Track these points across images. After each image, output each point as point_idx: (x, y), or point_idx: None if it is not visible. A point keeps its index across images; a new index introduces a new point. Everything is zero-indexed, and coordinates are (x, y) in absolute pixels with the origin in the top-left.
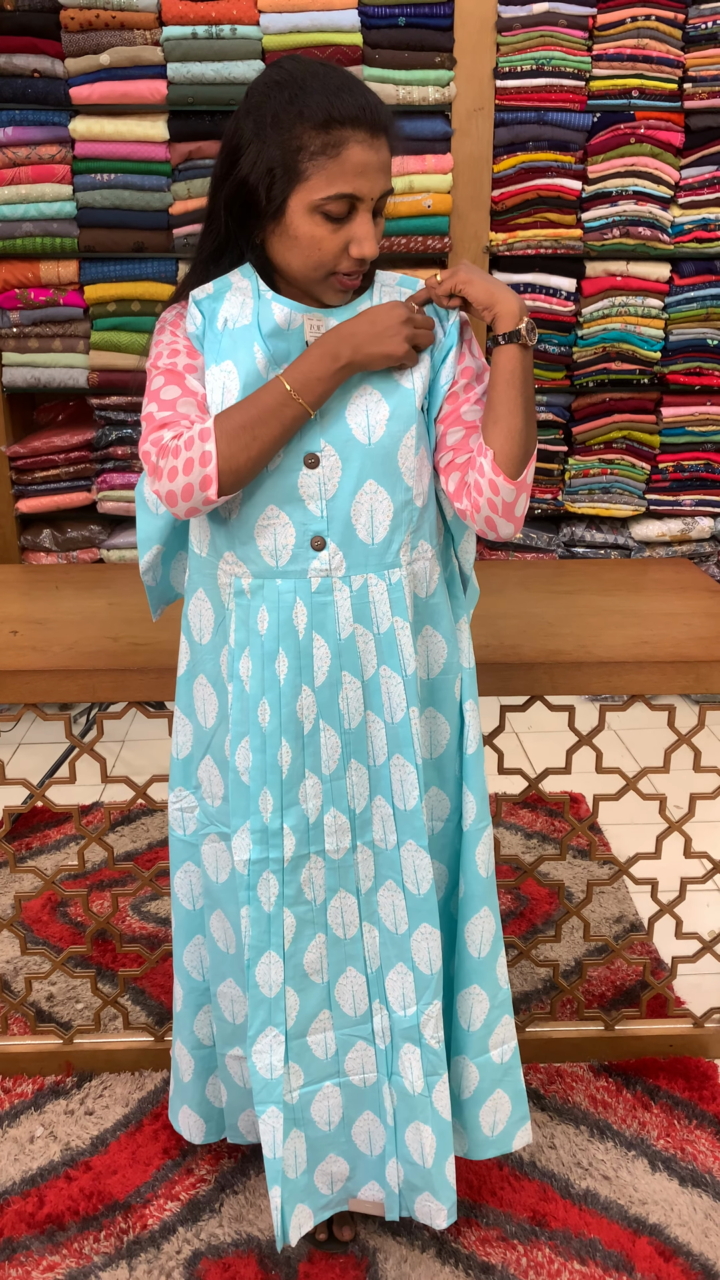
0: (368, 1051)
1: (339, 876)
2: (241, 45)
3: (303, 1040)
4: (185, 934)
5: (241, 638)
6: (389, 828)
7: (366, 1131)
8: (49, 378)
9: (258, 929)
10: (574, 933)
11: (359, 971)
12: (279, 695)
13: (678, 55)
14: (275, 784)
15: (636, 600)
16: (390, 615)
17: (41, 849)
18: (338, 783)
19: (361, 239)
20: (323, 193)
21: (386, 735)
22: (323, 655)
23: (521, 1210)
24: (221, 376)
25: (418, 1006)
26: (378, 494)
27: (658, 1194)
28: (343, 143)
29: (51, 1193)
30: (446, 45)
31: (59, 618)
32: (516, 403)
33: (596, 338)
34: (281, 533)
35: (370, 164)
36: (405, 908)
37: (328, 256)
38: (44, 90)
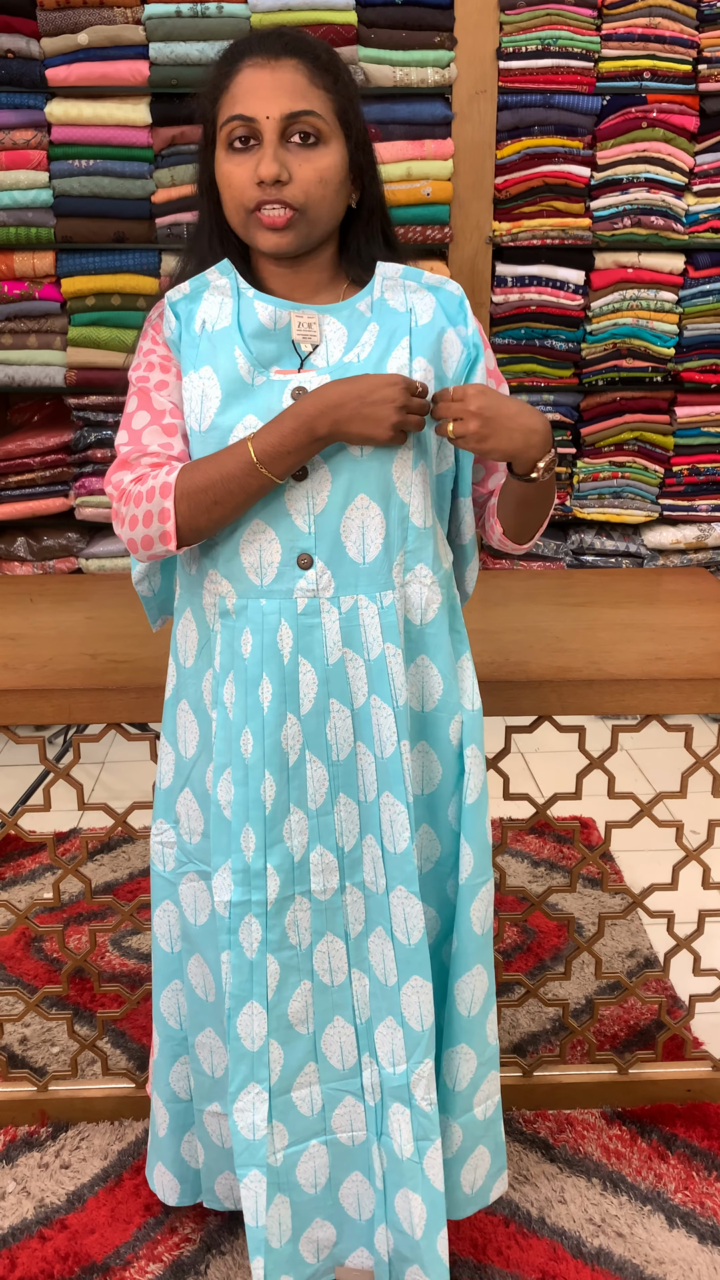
0: (356, 1108)
1: (326, 919)
2: (228, 24)
3: (287, 1097)
4: (163, 978)
5: (226, 661)
6: (379, 870)
7: (355, 1194)
8: (24, 376)
9: (239, 976)
10: (585, 969)
11: (347, 1021)
12: (262, 724)
13: (692, 35)
14: (258, 820)
15: (650, 613)
16: (381, 641)
17: (15, 880)
18: (325, 818)
19: (259, 161)
20: (222, 120)
21: (376, 770)
22: (309, 681)
23: (530, 1271)
24: (200, 383)
25: (408, 1065)
26: (370, 509)
27: (675, 1253)
28: (236, 70)
29: (24, 1254)
30: (447, 24)
31: (33, 633)
32: (525, 511)
33: (606, 333)
34: (267, 549)
35: (262, 83)
36: (395, 958)
37: (239, 190)
38: (18, 71)
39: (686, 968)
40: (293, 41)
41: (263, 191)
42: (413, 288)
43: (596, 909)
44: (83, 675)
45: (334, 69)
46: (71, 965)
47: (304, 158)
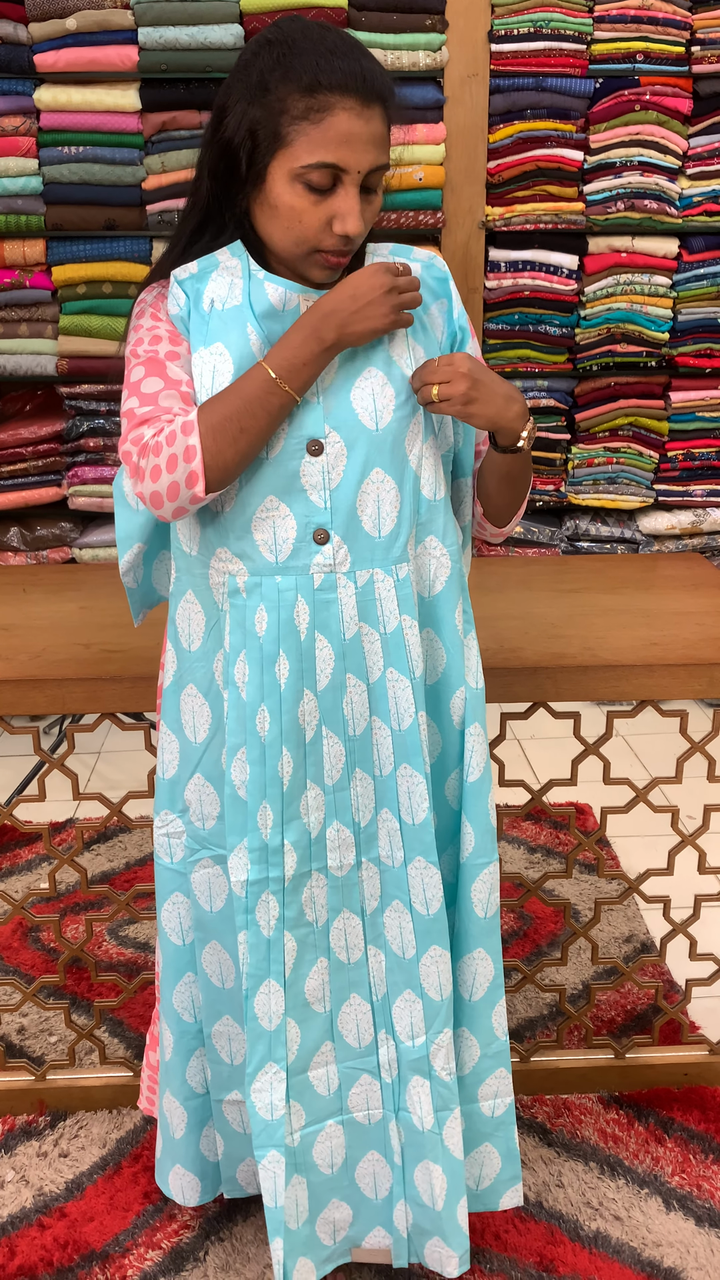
0: (373, 1086)
1: (342, 896)
2: (218, 8)
3: (304, 1076)
4: (174, 972)
5: (237, 641)
6: (396, 843)
7: (371, 1173)
8: (15, 365)
9: (256, 955)
10: (581, 954)
11: (363, 999)
12: (279, 701)
13: (685, 16)
14: (275, 797)
15: (645, 599)
16: (398, 614)
17: (10, 870)
18: (341, 794)
19: (345, 214)
20: (304, 160)
21: (393, 743)
22: (326, 657)
23: (528, 1255)
24: (211, 359)
25: (427, 1036)
26: (385, 483)
27: (673, 1235)
28: (328, 108)
29: (23, 1242)
30: (438, 7)
31: (26, 623)
32: (508, 490)
33: (600, 318)
34: (281, 526)
35: (357, 134)
36: (413, 930)
37: (309, 231)
38: (6, 57)
39: (683, 952)
40: (379, 83)
41: (339, 241)
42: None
43: (593, 894)
44: (76, 665)
45: (395, 103)
46: (68, 955)
47: (368, 204)
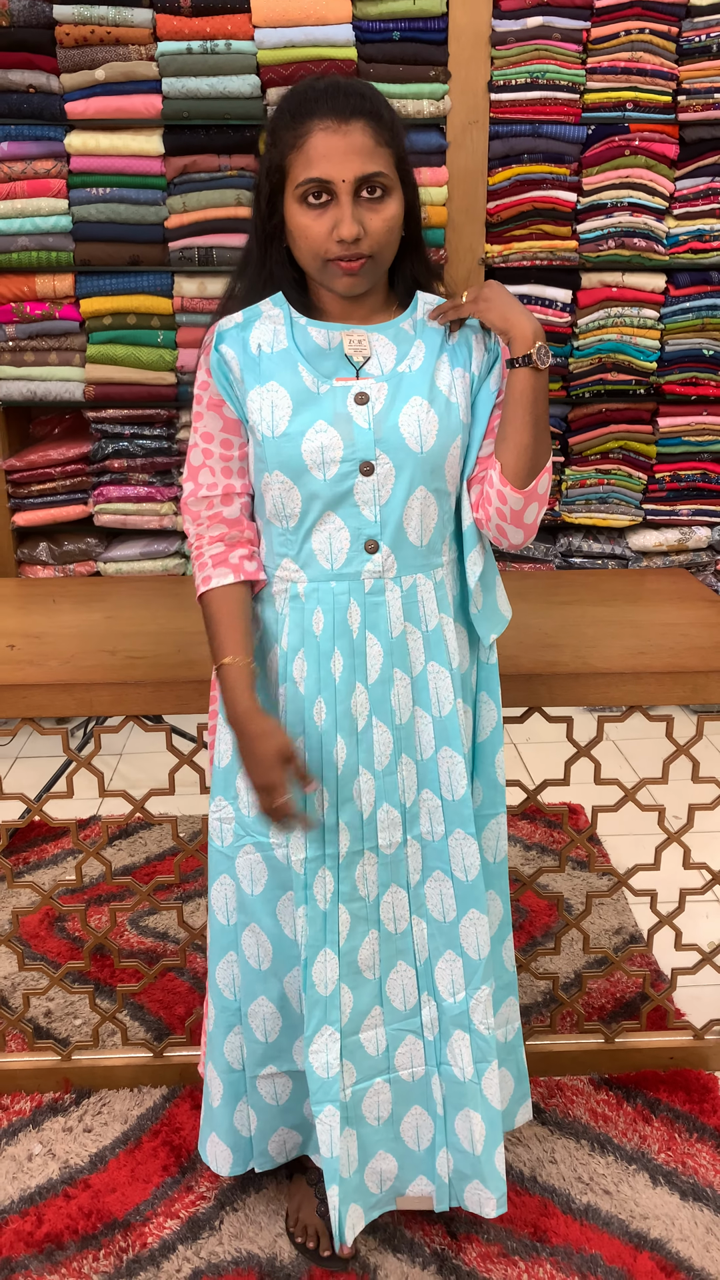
0: (416, 1045)
1: (391, 871)
2: (236, 60)
3: (355, 1038)
4: (219, 950)
5: (295, 640)
6: (436, 819)
7: (415, 1126)
8: (45, 391)
9: (314, 928)
10: (573, 945)
11: (409, 965)
12: (334, 693)
13: (672, 68)
14: (330, 780)
15: (634, 611)
16: (437, 613)
17: (39, 863)
18: (389, 778)
19: (339, 220)
20: (297, 180)
21: (434, 729)
22: (375, 653)
23: (522, 1226)
24: (270, 395)
25: (466, 992)
26: (427, 499)
27: (659, 1209)
28: (308, 131)
29: (50, 1211)
30: (441, 59)
31: (56, 631)
32: (525, 421)
33: (593, 348)
34: (337, 537)
35: (335, 147)
36: (454, 895)
37: (317, 243)
38: (39, 105)
39: (669, 943)
40: (359, 101)
41: (342, 247)
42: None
43: (584, 889)
44: (103, 670)
45: (392, 123)
46: (93, 942)
47: (374, 210)
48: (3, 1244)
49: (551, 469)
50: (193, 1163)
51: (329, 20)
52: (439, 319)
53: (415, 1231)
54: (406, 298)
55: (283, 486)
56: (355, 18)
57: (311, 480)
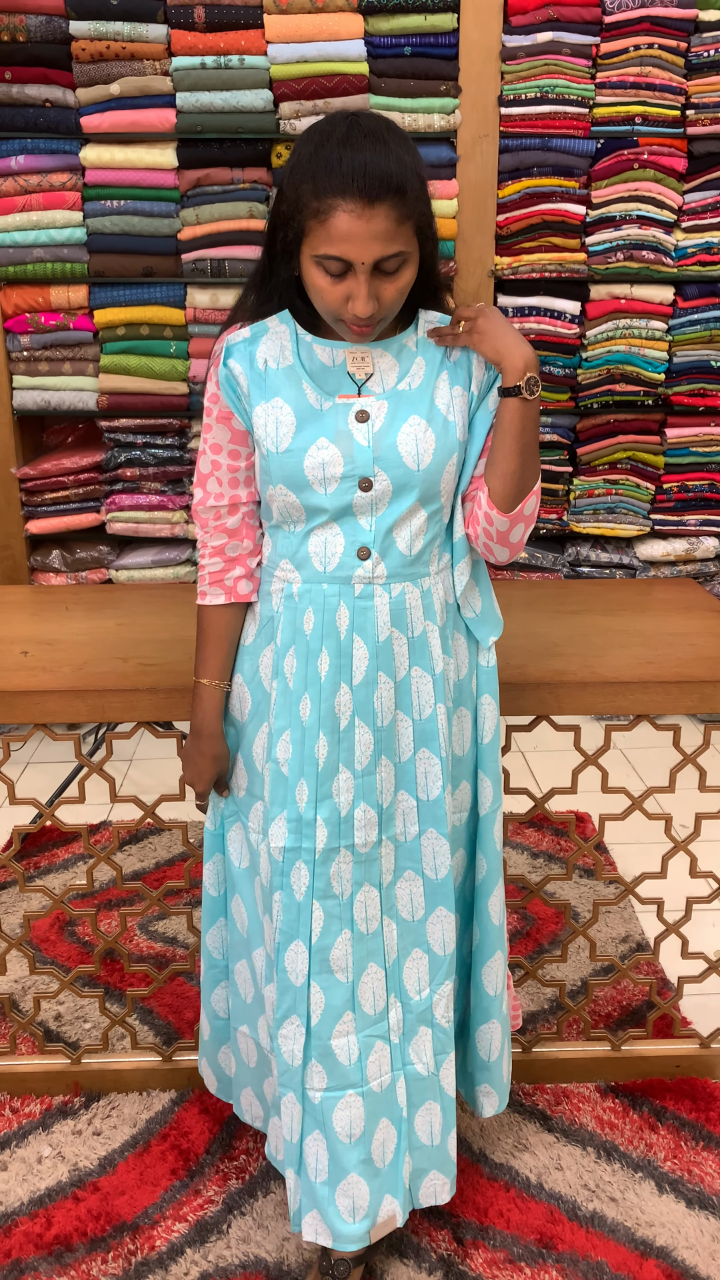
0: (384, 1051)
1: (364, 871)
2: (249, 75)
3: (326, 1043)
4: (210, 917)
5: (288, 637)
6: (410, 820)
7: (381, 1142)
8: (59, 400)
9: (288, 916)
10: (580, 953)
11: (379, 966)
12: (320, 691)
13: (680, 83)
14: (311, 776)
15: (642, 620)
16: (423, 620)
17: (50, 868)
18: (368, 778)
19: (354, 298)
20: (316, 251)
21: (414, 732)
22: (361, 656)
23: (529, 1232)
24: (274, 412)
25: (431, 988)
26: (417, 513)
27: (665, 1216)
28: (330, 210)
29: (59, 1213)
30: (451, 74)
31: (68, 638)
32: (513, 449)
33: (601, 360)
34: (333, 543)
35: (356, 233)
36: (423, 893)
37: (331, 306)
38: (55, 119)
39: (675, 951)
40: (385, 181)
41: (354, 319)
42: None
43: (591, 897)
44: (115, 677)
45: (419, 192)
46: (103, 947)
47: (389, 282)
48: (12, 1245)
49: (540, 490)
50: (201, 1167)
51: (341, 36)
52: (437, 342)
53: (422, 1237)
54: (409, 312)
55: (286, 499)
56: (367, 33)
57: (313, 494)
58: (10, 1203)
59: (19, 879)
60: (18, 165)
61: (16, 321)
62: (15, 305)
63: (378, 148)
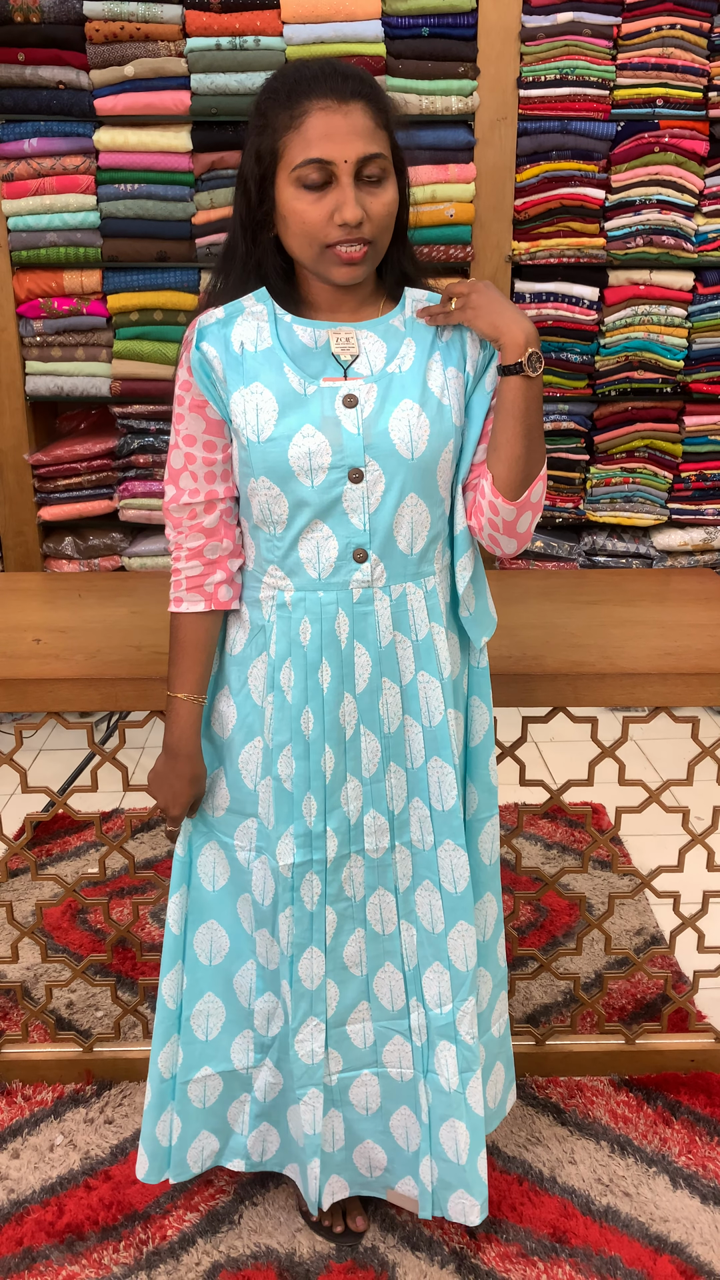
0: (404, 1047)
1: (378, 875)
2: (265, 56)
3: (342, 1029)
4: (169, 962)
5: (283, 649)
6: (426, 829)
7: (404, 1125)
8: (72, 386)
9: (300, 927)
10: (595, 945)
11: (396, 968)
12: (322, 703)
13: (703, 64)
14: (319, 789)
15: (660, 611)
16: (428, 621)
17: (62, 856)
18: (377, 785)
19: (341, 204)
20: (295, 162)
21: (424, 738)
22: (364, 663)
23: (542, 1226)
24: (254, 398)
25: (454, 1003)
26: (418, 506)
27: (679, 1211)
28: (305, 112)
29: (71, 1202)
30: (470, 55)
31: (81, 626)
32: (517, 432)
33: (619, 346)
34: (325, 546)
35: (336, 127)
36: (442, 907)
37: (315, 228)
38: (69, 102)
39: (691, 945)
40: (357, 82)
41: (344, 231)
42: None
43: (606, 889)
44: (128, 665)
45: (388, 108)
46: (115, 935)
47: (373, 195)
48: (24, 1233)
49: (546, 475)
50: None
51: (358, 16)
52: (427, 321)
53: (434, 1230)
54: (395, 291)
55: (269, 492)
56: (384, 13)
57: (299, 486)
58: (22, 1191)
59: (31, 867)
60: (31, 148)
61: (30, 306)
62: (28, 290)
63: (338, 62)
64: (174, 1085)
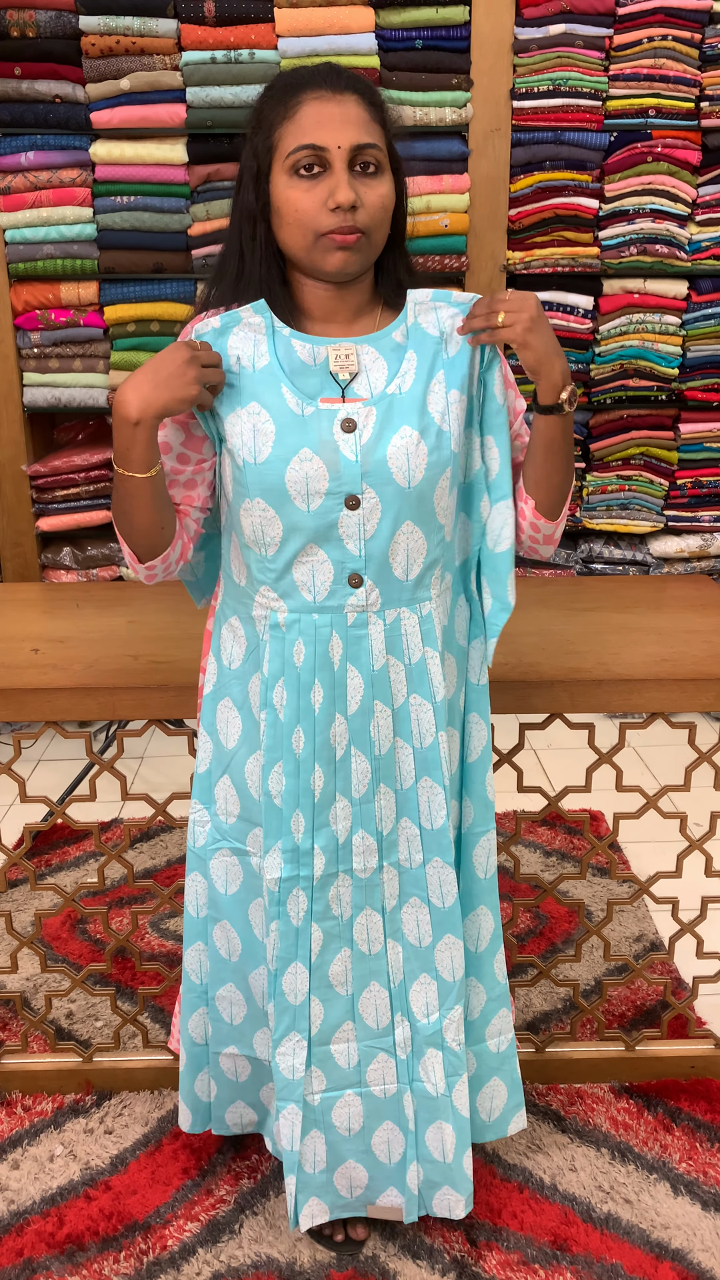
0: (388, 1064)
1: (365, 895)
2: (260, 69)
3: (326, 1048)
4: (191, 938)
5: (276, 668)
6: (414, 847)
7: (386, 1141)
8: (69, 397)
9: (285, 942)
10: (594, 952)
11: (382, 986)
12: (313, 723)
13: (695, 75)
14: (307, 807)
15: (656, 617)
16: (421, 646)
17: (61, 866)
18: (367, 806)
19: (334, 187)
20: (289, 150)
21: (414, 760)
22: (356, 685)
23: (543, 1234)
24: (251, 419)
25: (440, 1013)
26: (414, 534)
27: (680, 1218)
28: (300, 102)
29: (71, 1212)
30: (463, 67)
31: (79, 636)
32: (555, 464)
33: (614, 354)
34: (320, 570)
35: (329, 115)
36: (430, 921)
37: (308, 215)
38: (65, 115)
39: (690, 951)
40: (350, 77)
41: (338, 217)
42: (444, 308)
43: (605, 896)
44: (126, 675)
45: (383, 106)
46: (114, 945)
47: (368, 185)
48: (24, 1244)
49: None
50: (213, 1166)
51: (352, 29)
52: (470, 341)
53: (435, 1238)
54: (393, 300)
55: (264, 515)
56: (378, 26)
57: (294, 510)
58: (22, 1201)
59: (30, 877)
60: (27, 161)
61: (27, 318)
62: (25, 302)
63: (333, 64)
64: (207, 1052)
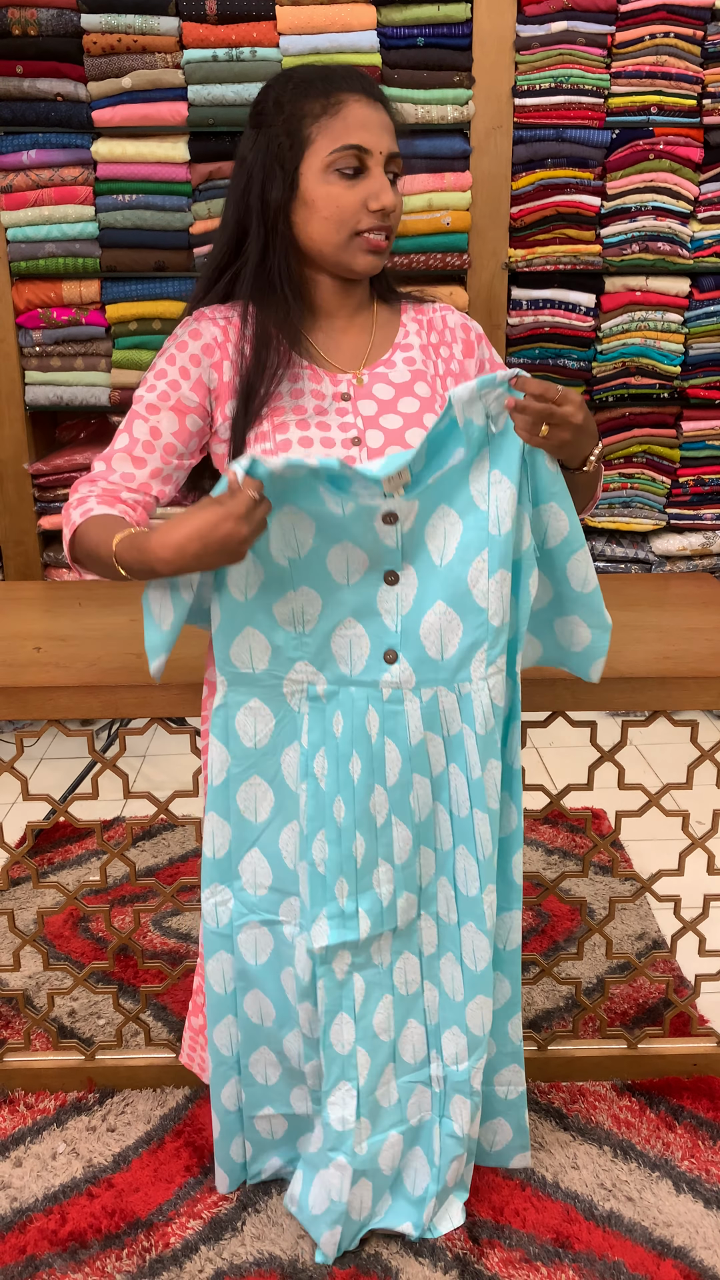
0: (425, 1094)
1: (404, 942)
2: (261, 67)
3: (373, 1097)
4: (217, 1015)
5: (316, 738)
6: (451, 908)
7: (414, 1169)
8: (71, 396)
9: (331, 996)
10: (596, 950)
11: (419, 1023)
12: (353, 794)
13: (697, 72)
14: (350, 873)
15: (658, 615)
16: (460, 722)
17: (63, 864)
18: (409, 870)
19: (378, 191)
20: (334, 146)
21: (453, 827)
22: (394, 759)
23: (545, 1232)
24: (289, 517)
25: (469, 1063)
26: (448, 614)
27: (682, 1216)
28: (342, 102)
29: (74, 1210)
30: (465, 64)
31: (81, 634)
32: (585, 496)
33: (616, 352)
34: (357, 644)
35: (372, 119)
36: (462, 981)
37: (347, 213)
38: (67, 113)
39: (692, 949)
40: (378, 89)
41: (377, 218)
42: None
43: (607, 894)
44: (128, 673)
45: (396, 112)
46: (117, 943)
47: (395, 192)
48: (27, 1242)
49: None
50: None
51: (353, 27)
52: (525, 438)
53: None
54: (387, 295)
55: (308, 598)
56: (380, 24)
57: (335, 586)
58: (25, 1199)
59: (32, 875)
60: (29, 160)
61: (29, 317)
62: (27, 300)
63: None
64: (240, 1117)
